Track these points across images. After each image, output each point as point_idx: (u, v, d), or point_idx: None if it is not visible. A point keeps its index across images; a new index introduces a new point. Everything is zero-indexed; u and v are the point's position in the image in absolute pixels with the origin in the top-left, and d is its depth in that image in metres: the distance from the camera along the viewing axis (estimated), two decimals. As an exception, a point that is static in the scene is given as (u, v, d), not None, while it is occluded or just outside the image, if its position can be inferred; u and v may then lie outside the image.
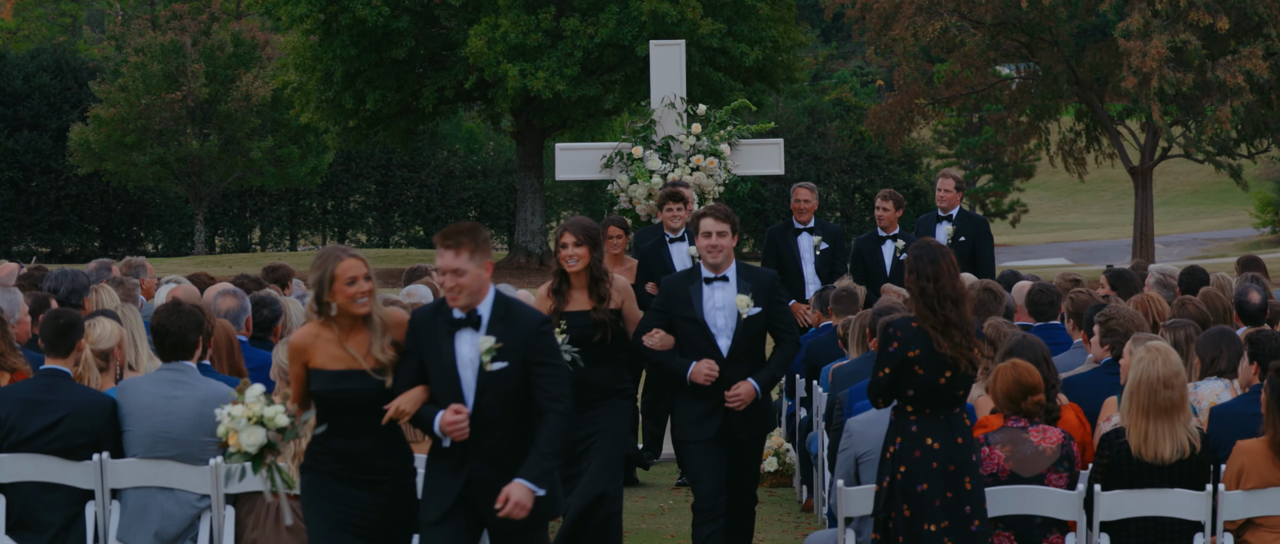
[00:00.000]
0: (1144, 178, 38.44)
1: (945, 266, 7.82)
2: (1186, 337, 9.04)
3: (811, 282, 14.22)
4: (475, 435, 7.10)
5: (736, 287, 9.10)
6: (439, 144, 53.50)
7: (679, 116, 15.86)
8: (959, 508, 7.79)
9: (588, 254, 9.31)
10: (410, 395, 7.07)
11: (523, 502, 7.00)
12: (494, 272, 7.31)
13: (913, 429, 7.84)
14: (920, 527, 7.77)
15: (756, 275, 9.22)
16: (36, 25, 67.35)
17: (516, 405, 7.13)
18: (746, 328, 9.08)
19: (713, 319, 9.08)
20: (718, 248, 9.11)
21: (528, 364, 7.10)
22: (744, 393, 9.07)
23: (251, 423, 7.03)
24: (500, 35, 34.54)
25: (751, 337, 9.13)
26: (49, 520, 8.26)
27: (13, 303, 9.92)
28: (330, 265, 7.10)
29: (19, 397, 8.26)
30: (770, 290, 9.18)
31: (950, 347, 7.75)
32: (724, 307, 9.07)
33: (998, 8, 36.44)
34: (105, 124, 45.97)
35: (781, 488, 13.18)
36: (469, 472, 7.10)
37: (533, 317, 7.23)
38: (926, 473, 7.79)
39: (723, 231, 9.10)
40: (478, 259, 7.09)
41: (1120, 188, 62.69)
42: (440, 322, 7.14)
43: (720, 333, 9.07)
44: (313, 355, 7.14)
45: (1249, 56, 33.90)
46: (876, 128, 40.87)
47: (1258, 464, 8.03)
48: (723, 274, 9.11)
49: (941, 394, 7.83)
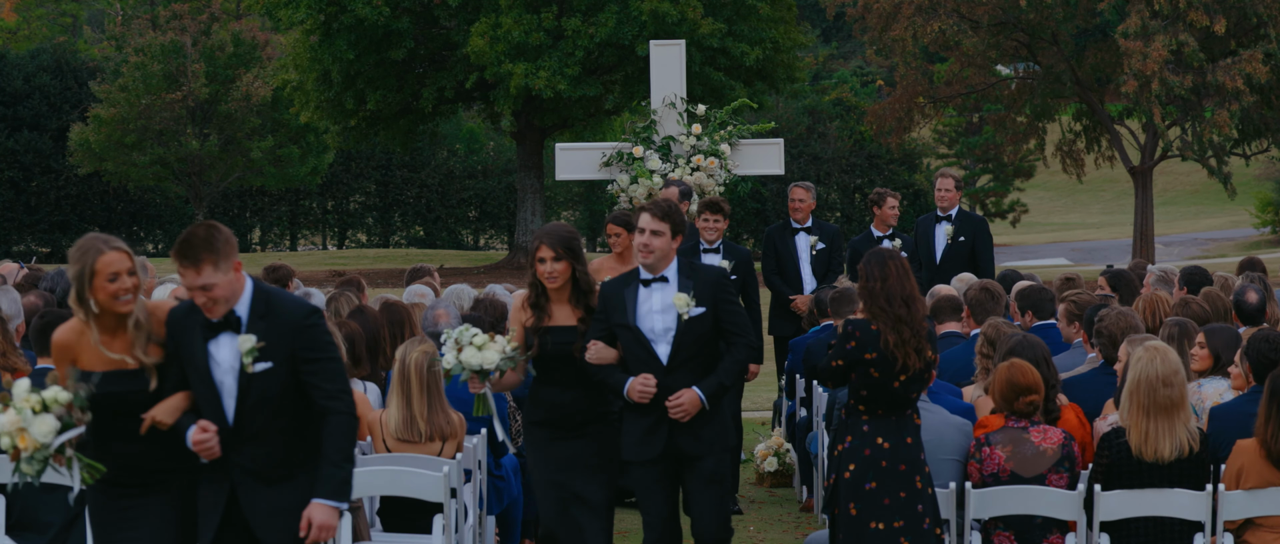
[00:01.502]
0: (1144, 178, 38.43)
1: (893, 267, 7.96)
2: (1184, 332, 9.04)
3: (809, 282, 14.23)
4: (238, 444, 6.51)
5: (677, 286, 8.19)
6: (439, 144, 53.50)
7: (679, 116, 15.87)
8: (912, 507, 7.89)
9: (567, 269, 8.26)
10: (167, 404, 6.54)
11: (327, 523, 6.45)
12: (493, 272, 7.29)
13: (864, 429, 7.95)
14: (866, 525, 7.85)
15: (701, 272, 8.28)
16: (37, 25, 67.35)
17: (286, 409, 6.51)
18: (688, 331, 8.10)
19: (649, 325, 8.13)
20: (649, 247, 8.21)
21: (296, 361, 6.48)
22: (686, 402, 8.05)
23: (36, 413, 6.36)
24: (502, 34, 34.55)
25: (696, 341, 8.11)
26: (49, 520, 8.26)
27: (14, 303, 9.92)
28: (90, 259, 6.47)
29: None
30: (716, 287, 8.21)
31: (897, 342, 7.84)
32: (663, 310, 8.13)
33: (996, 8, 36.43)
34: (105, 124, 45.96)
35: (781, 488, 13.18)
36: (231, 484, 6.51)
37: (298, 308, 6.56)
38: (876, 471, 7.90)
39: (659, 231, 8.20)
40: (223, 267, 6.43)
41: (1120, 188, 62.66)
42: (195, 323, 6.52)
43: (658, 339, 8.11)
44: (79, 355, 6.57)
45: (1249, 59, 33.88)
46: (876, 126, 40.87)
47: (1257, 464, 8.03)
48: (661, 275, 8.21)
49: (895, 397, 7.93)
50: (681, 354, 8.11)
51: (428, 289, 11.91)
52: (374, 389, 9.55)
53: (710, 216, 12.42)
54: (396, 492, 8.52)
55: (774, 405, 14.69)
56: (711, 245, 12.46)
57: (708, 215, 12.43)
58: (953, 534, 8.28)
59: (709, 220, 12.44)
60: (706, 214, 12.43)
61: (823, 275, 14.25)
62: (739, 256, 12.37)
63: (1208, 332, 9.01)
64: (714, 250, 12.45)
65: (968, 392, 9.32)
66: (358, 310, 10.35)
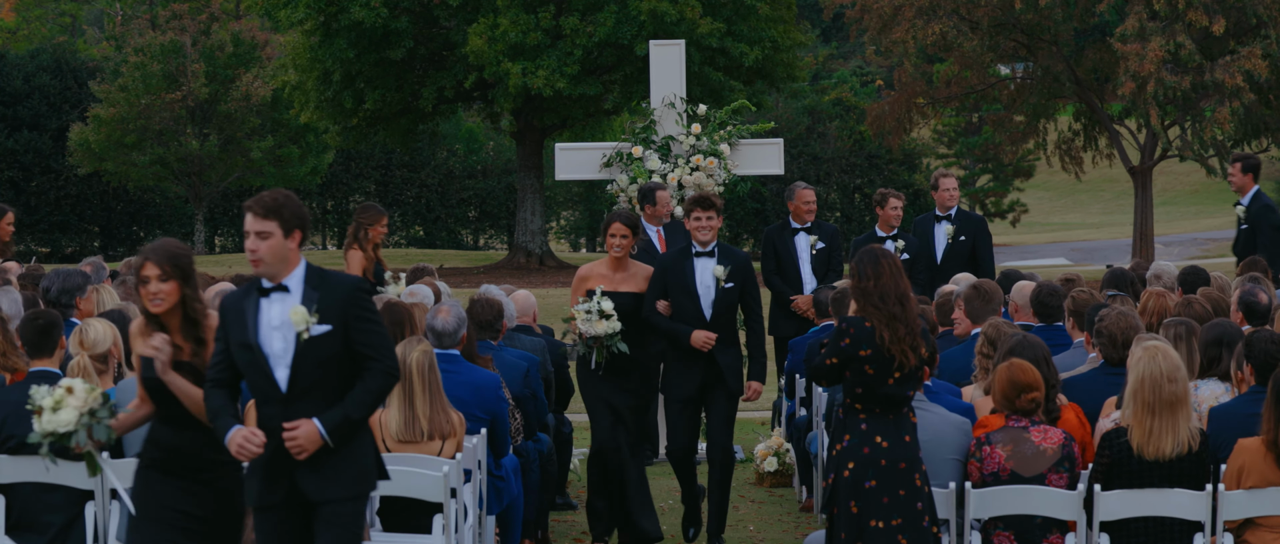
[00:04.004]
0: (1144, 178, 38.43)
1: (886, 265, 8.00)
2: (1186, 333, 9.04)
3: (809, 281, 14.24)
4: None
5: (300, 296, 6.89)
6: (439, 144, 53.52)
7: (679, 116, 15.86)
8: (911, 504, 7.90)
9: (177, 290, 7.15)
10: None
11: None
12: (494, 272, 7.30)
13: (862, 427, 7.96)
14: (866, 523, 7.86)
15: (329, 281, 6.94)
16: (36, 25, 67.36)
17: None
18: (307, 352, 6.81)
19: (268, 343, 6.87)
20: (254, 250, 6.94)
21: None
22: (303, 435, 6.77)
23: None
24: (500, 34, 34.57)
25: (316, 364, 6.84)
26: (49, 521, 8.26)
27: (14, 303, 9.92)
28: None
29: (14, 401, 8.24)
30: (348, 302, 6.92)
31: (891, 339, 7.86)
32: (281, 325, 6.83)
33: (996, 9, 36.44)
34: (105, 124, 45.97)
35: (781, 488, 13.18)
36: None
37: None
38: (875, 470, 7.90)
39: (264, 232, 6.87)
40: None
41: (1120, 188, 62.67)
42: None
43: (277, 362, 6.85)
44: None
45: (1249, 55, 33.87)
46: (876, 126, 40.88)
47: (1258, 463, 8.03)
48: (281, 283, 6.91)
49: (890, 395, 7.94)
50: (301, 382, 6.84)
51: (427, 289, 11.91)
52: (374, 389, 9.55)
53: (701, 214, 10.78)
54: (396, 492, 8.51)
55: (774, 405, 14.70)
56: (705, 248, 10.82)
57: (698, 213, 10.79)
58: (952, 534, 8.28)
59: (701, 219, 10.77)
60: (697, 212, 10.80)
61: (823, 275, 14.26)
62: (737, 261, 10.88)
63: (1200, 338, 9.00)
64: (708, 254, 10.80)
65: (967, 391, 9.32)
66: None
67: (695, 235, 10.85)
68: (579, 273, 11.16)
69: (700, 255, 10.86)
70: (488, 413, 9.54)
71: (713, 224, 10.79)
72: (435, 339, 9.61)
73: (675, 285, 10.82)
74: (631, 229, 10.99)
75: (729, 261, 10.81)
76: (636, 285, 10.96)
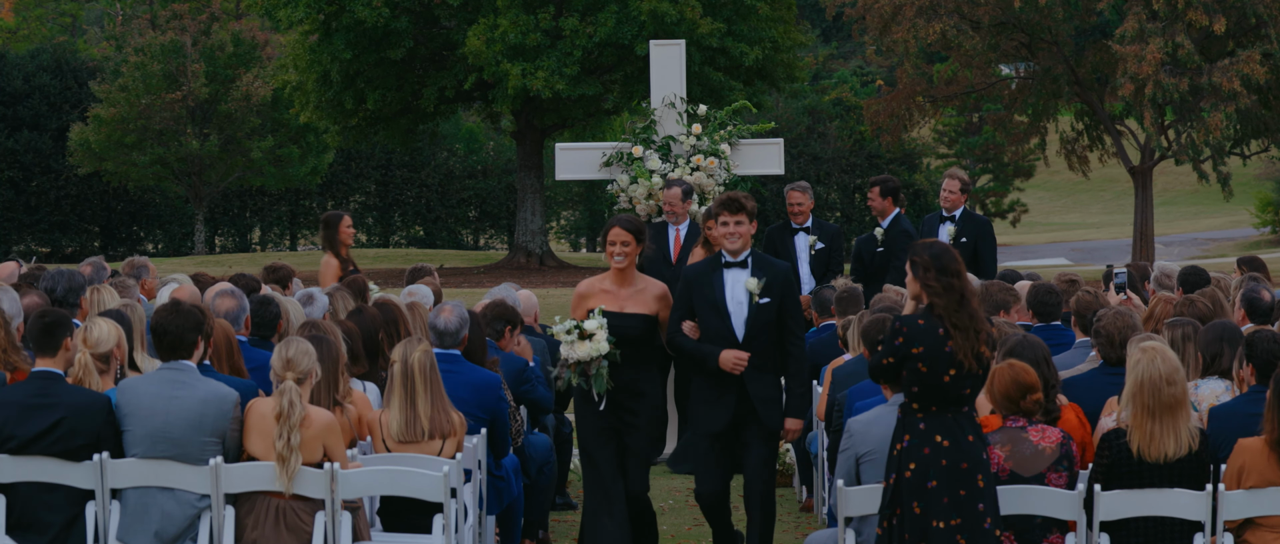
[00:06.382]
0: (1144, 178, 38.43)
1: (964, 266, 7.93)
2: (1186, 335, 9.04)
3: (808, 281, 14.28)
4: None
5: None
6: (439, 144, 53.54)
7: (679, 116, 15.86)
8: (972, 505, 7.77)
9: None
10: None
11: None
12: (493, 272, 7.32)
13: (921, 427, 7.83)
14: (929, 523, 7.76)
15: None
16: (36, 25, 67.39)
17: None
18: None
19: None
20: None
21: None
22: None
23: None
24: (499, 35, 34.56)
25: None
26: (49, 521, 8.26)
27: (14, 303, 9.91)
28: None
29: (15, 401, 8.24)
30: None
31: (963, 340, 7.76)
32: None
33: (996, 8, 36.43)
34: (105, 124, 46.00)
35: (782, 488, 13.17)
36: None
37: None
38: (936, 470, 7.77)
39: None
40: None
41: (1120, 188, 62.70)
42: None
43: None
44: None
45: (1247, 60, 33.86)
46: (875, 123, 40.85)
47: (1258, 463, 8.02)
48: None
49: (945, 392, 7.81)
50: None
51: (427, 289, 11.92)
52: (374, 389, 9.55)
53: (728, 219, 9.44)
54: (396, 491, 8.51)
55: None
56: (736, 258, 9.50)
57: (726, 217, 9.44)
58: (953, 534, 8.25)
59: (728, 224, 9.44)
60: (724, 215, 9.45)
61: (822, 275, 14.29)
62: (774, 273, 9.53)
63: (1200, 338, 8.99)
64: (739, 265, 9.49)
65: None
66: (356, 310, 10.35)
67: (723, 244, 9.46)
68: (578, 289, 9.81)
69: (730, 266, 9.44)
70: (488, 413, 9.53)
71: (743, 230, 9.38)
72: (437, 338, 9.61)
73: (702, 301, 9.41)
74: (635, 236, 9.59)
75: (764, 273, 9.38)
76: (644, 305, 9.61)
